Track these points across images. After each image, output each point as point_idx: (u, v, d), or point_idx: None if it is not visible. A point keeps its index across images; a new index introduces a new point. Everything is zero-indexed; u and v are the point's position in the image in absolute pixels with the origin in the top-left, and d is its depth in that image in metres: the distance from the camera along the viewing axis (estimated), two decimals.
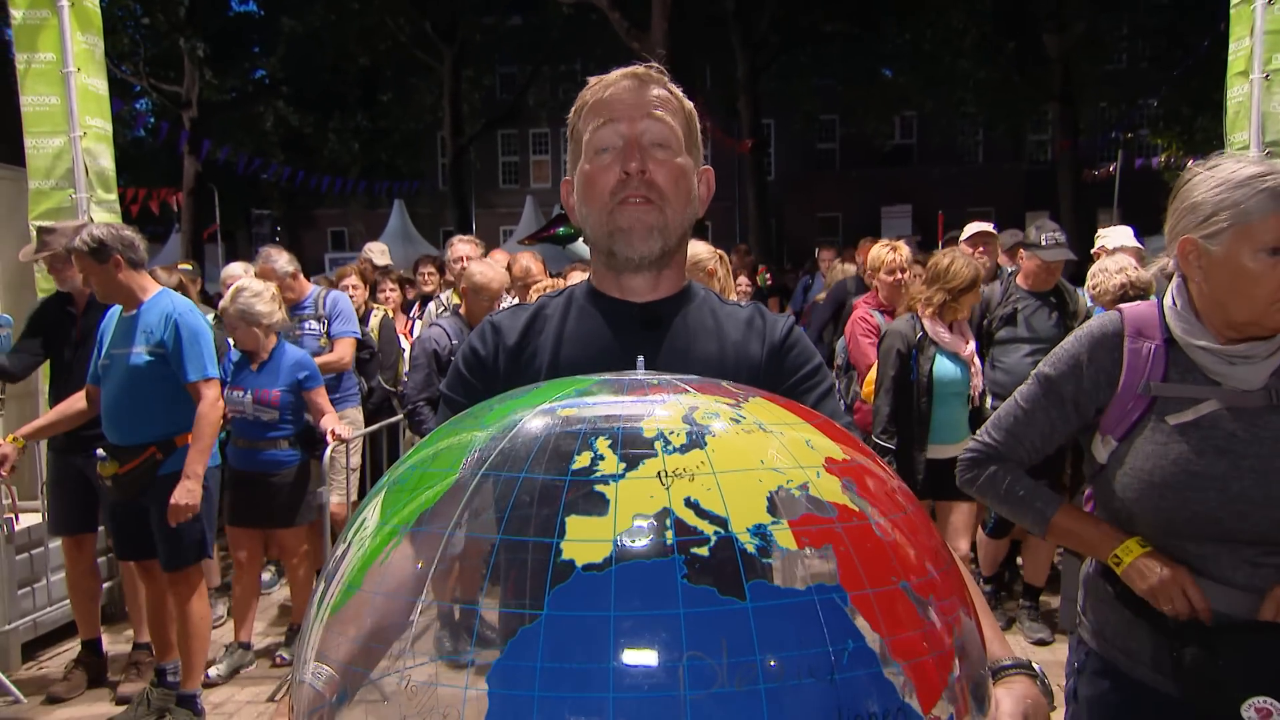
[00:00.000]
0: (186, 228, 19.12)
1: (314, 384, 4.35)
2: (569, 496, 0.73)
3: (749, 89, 19.17)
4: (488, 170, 30.25)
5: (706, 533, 0.71)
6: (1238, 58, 5.14)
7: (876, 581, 0.74)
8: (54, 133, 5.28)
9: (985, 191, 24.53)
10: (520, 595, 0.70)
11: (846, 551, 0.74)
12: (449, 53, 21.09)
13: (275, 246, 5.62)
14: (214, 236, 18.99)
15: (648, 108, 1.37)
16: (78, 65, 5.25)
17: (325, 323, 5.20)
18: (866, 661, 0.70)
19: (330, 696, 0.76)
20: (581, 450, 0.77)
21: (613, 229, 1.38)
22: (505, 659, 0.68)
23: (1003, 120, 22.22)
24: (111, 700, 4.20)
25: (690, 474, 0.75)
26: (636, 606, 0.68)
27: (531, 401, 0.89)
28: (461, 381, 1.45)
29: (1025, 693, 0.96)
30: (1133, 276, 4.21)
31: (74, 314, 4.42)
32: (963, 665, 0.77)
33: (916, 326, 4.11)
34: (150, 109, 25.10)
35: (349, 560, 0.82)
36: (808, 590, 0.71)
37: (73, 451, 4.24)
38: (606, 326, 1.42)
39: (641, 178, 1.35)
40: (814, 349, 1.51)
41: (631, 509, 0.72)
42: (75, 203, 5.25)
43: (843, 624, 0.70)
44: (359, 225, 25.17)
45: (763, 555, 0.71)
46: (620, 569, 0.69)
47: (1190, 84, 17.09)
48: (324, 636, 0.80)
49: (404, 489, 0.84)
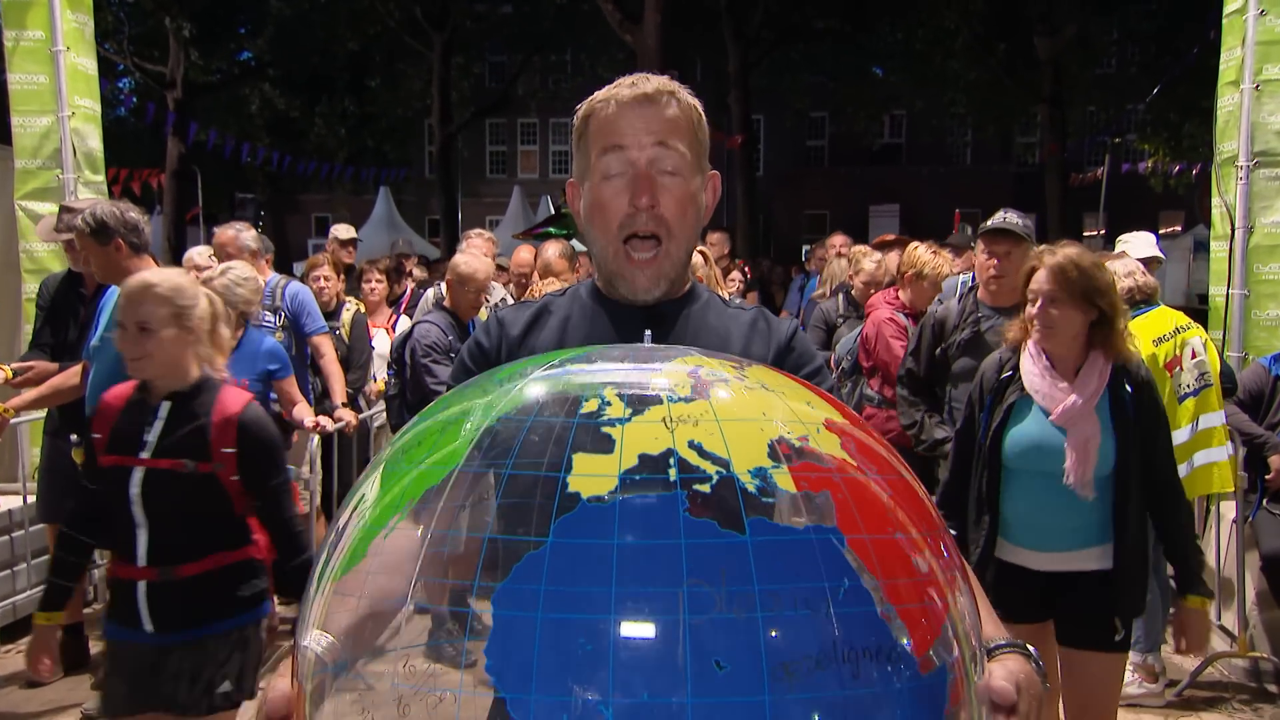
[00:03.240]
0: (168, 210, 18.92)
1: (285, 374, 4.25)
2: (576, 435, 0.75)
3: (740, 84, 19.14)
4: (475, 159, 30.07)
5: (709, 472, 0.73)
6: (1229, 67, 5.19)
7: (874, 529, 0.75)
8: (42, 112, 5.21)
9: (973, 192, 24.58)
10: (526, 525, 0.71)
11: (844, 499, 0.75)
12: (439, 39, 20.89)
13: (245, 223, 5.38)
14: (196, 219, 18.78)
15: (658, 135, 1.36)
16: (67, 44, 5.18)
17: (281, 314, 4.94)
18: (862, 600, 0.71)
19: (331, 663, 0.77)
20: (589, 398, 0.79)
21: (619, 269, 1.41)
22: (510, 582, 0.69)
23: (992, 121, 22.30)
24: (93, 684, 4.14)
25: (694, 420, 0.76)
26: (639, 536, 0.69)
27: (540, 362, 0.91)
28: (466, 374, 1.46)
29: (1019, 667, 0.97)
30: (1140, 281, 4.14)
31: (84, 294, 4.28)
32: (957, 624, 0.78)
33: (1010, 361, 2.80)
34: (133, 88, 24.78)
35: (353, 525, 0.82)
36: (805, 529, 0.72)
37: (67, 436, 4.17)
38: (610, 327, 1.44)
39: (650, 212, 1.36)
40: (815, 351, 1.53)
41: (637, 449, 0.74)
42: (62, 183, 5.18)
43: (839, 562, 0.71)
44: (344, 211, 24.86)
45: (763, 495, 0.72)
46: (624, 501, 0.71)
47: (1179, 90, 17.17)
48: (326, 604, 0.80)
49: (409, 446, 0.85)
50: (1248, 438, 4.22)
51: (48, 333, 4.29)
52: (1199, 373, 3.95)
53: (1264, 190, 5.01)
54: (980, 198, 24.07)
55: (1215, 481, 4.03)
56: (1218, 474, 4.00)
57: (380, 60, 24.32)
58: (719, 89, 19.70)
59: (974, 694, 0.78)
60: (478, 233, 5.84)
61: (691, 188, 1.40)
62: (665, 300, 1.45)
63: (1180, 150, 19.30)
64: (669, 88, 1.40)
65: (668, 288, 1.43)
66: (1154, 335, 3.93)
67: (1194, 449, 3.95)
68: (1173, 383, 3.92)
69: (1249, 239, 5.02)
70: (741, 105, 19.27)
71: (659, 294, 1.42)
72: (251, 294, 4.19)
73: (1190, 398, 3.94)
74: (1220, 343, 5.00)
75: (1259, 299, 5.04)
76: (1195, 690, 4.19)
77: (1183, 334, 3.98)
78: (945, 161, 28.28)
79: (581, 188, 1.44)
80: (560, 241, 5.57)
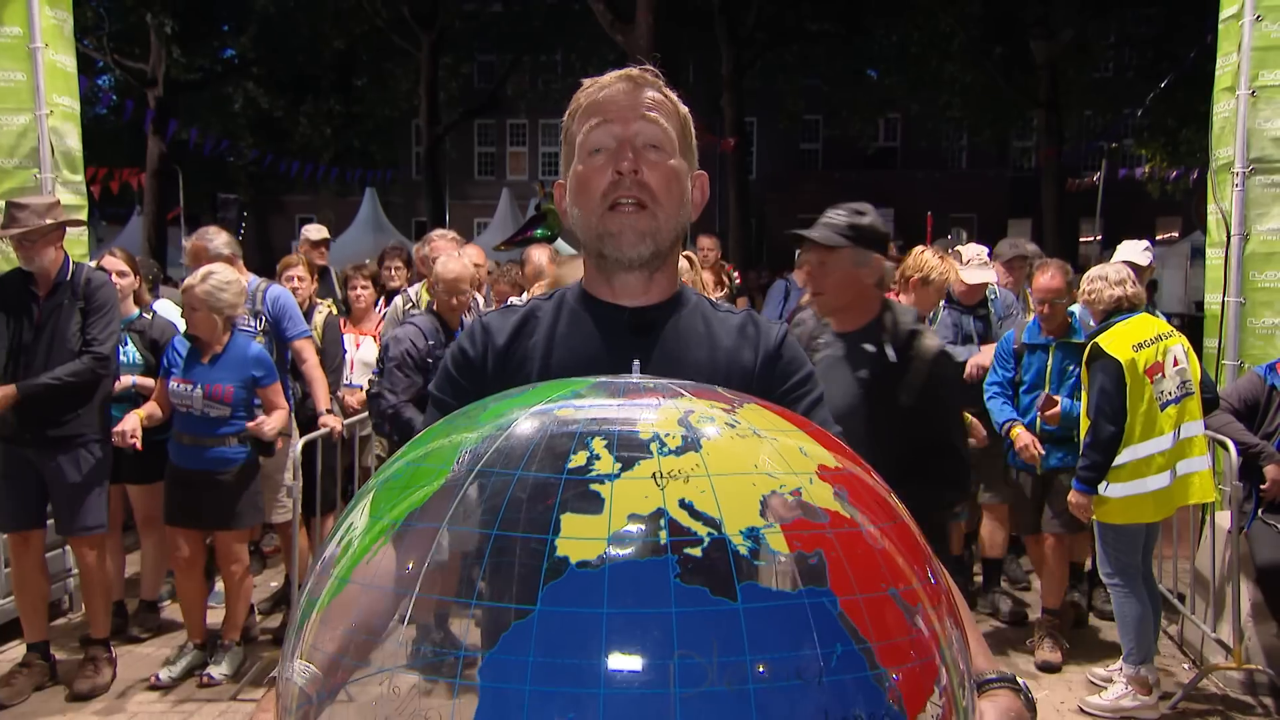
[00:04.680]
0: (149, 210, 18.54)
1: (270, 380, 4.24)
2: (564, 495, 0.74)
3: (733, 86, 19.05)
4: (463, 161, 29.88)
5: (700, 534, 0.72)
6: (1225, 73, 5.14)
7: (866, 587, 0.74)
8: (19, 110, 5.14)
9: (968, 197, 24.45)
10: (513, 591, 0.71)
11: (837, 557, 0.74)
12: (427, 38, 20.60)
13: (215, 227, 5.27)
14: (177, 220, 18.50)
15: (642, 109, 1.37)
16: (45, 41, 5.12)
17: (262, 319, 4.84)
18: (855, 666, 0.70)
19: (314, 695, 0.77)
20: (577, 450, 0.78)
21: (603, 232, 1.38)
22: (497, 653, 0.68)
23: (988, 126, 22.26)
24: (66, 697, 4.09)
25: (685, 476, 0.75)
26: (629, 604, 0.68)
27: (526, 402, 0.89)
28: (450, 382, 1.45)
29: (1009, 705, 0.96)
30: (1130, 291, 4.15)
31: (36, 294, 4.18)
32: (949, 675, 0.77)
33: None
34: (113, 86, 24.42)
35: (337, 558, 0.82)
36: (798, 593, 0.71)
37: (22, 442, 4.10)
38: (597, 332, 1.42)
39: (634, 178, 1.35)
40: (806, 357, 1.51)
41: (626, 508, 0.73)
42: (40, 183, 5.11)
43: (832, 628, 0.71)
44: (329, 213, 24.55)
45: (755, 557, 0.72)
46: (614, 567, 0.70)
47: (1176, 96, 17.07)
48: (310, 634, 0.80)
49: (395, 486, 0.84)
50: (1243, 447, 4.21)
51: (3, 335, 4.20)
52: (1180, 380, 4.01)
53: (1260, 197, 4.96)
54: (976, 203, 23.95)
55: (1196, 492, 4.08)
56: (1199, 484, 4.07)
57: (367, 59, 24.09)
58: (712, 91, 19.56)
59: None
60: (440, 234, 5.57)
61: (675, 165, 1.39)
62: (652, 304, 1.43)
63: (1178, 156, 19.28)
64: (653, 76, 1.41)
65: (654, 251, 1.39)
66: (1134, 340, 4.01)
67: (1177, 457, 4.01)
68: (1154, 389, 3.98)
69: (1245, 246, 4.98)
70: (734, 108, 19.16)
71: (646, 254, 1.38)
72: (235, 297, 4.16)
73: (1172, 405, 3.99)
74: (1216, 351, 5.03)
75: (1254, 307, 4.99)
76: (1190, 703, 4.18)
77: (1164, 341, 4.04)
78: (940, 166, 28.17)
79: (567, 180, 1.44)
80: (545, 246, 5.52)
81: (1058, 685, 4.36)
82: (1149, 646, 4.10)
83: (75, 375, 4.02)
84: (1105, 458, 3.98)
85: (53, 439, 4.06)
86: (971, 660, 0.86)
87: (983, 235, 6.25)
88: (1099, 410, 3.99)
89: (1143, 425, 3.96)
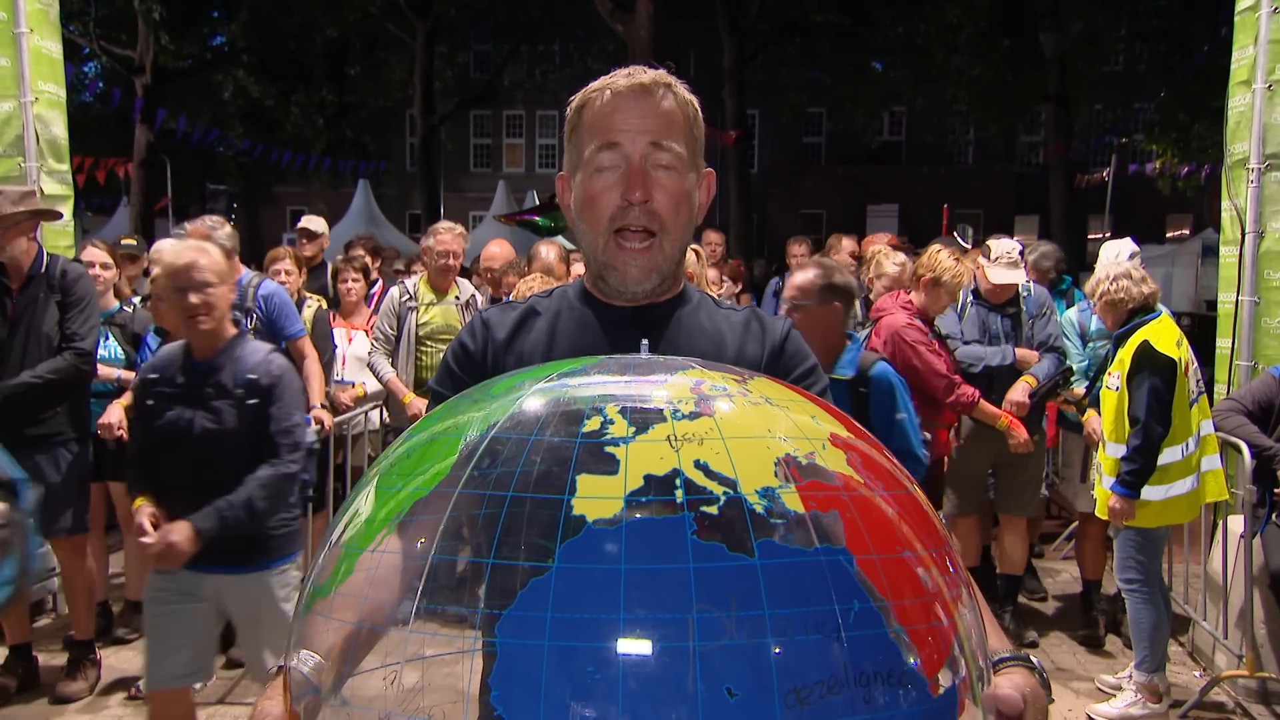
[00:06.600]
0: (136, 201, 18.22)
1: None
2: (579, 456, 0.74)
3: (735, 78, 18.80)
4: (459, 152, 29.61)
5: (715, 493, 0.72)
6: (1240, 66, 5.06)
7: (882, 548, 0.74)
8: (3, 97, 5.08)
9: (975, 193, 24.14)
10: (530, 549, 0.70)
11: (852, 518, 0.74)
12: (422, 27, 20.32)
13: (219, 217, 5.11)
14: (165, 210, 18.12)
15: (652, 133, 1.35)
16: (31, 26, 5.04)
17: (254, 316, 4.70)
18: (872, 622, 0.70)
19: (318, 683, 0.76)
20: (591, 415, 0.78)
21: (607, 263, 1.39)
22: (515, 609, 0.68)
23: (995, 120, 21.99)
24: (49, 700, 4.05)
25: (699, 439, 0.75)
26: (647, 560, 0.68)
27: (535, 376, 0.89)
28: (450, 376, 1.46)
29: (1024, 681, 0.94)
30: (1148, 291, 4.13)
31: (9, 287, 4.05)
32: (963, 639, 0.77)
33: None
34: (100, 73, 24.02)
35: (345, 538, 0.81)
36: (815, 550, 0.71)
37: None
38: (600, 327, 1.43)
39: (644, 207, 1.35)
40: (809, 351, 1.52)
41: (642, 469, 0.73)
42: (24, 171, 5.05)
43: (849, 585, 0.70)
44: (321, 204, 24.17)
45: (771, 516, 0.72)
46: (630, 524, 0.70)
47: (1188, 89, 16.74)
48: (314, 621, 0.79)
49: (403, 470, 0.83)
50: (1257, 450, 4.17)
51: None
52: (1197, 379, 4.07)
53: (1275, 194, 4.89)
54: (983, 199, 23.61)
55: (1212, 490, 4.10)
56: (1214, 483, 4.08)
57: (360, 47, 23.86)
58: (713, 83, 19.23)
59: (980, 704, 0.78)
60: (446, 226, 5.41)
61: (686, 185, 1.39)
62: (656, 302, 1.44)
63: (1189, 151, 19.04)
64: (665, 80, 1.38)
65: (659, 282, 1.41)
66: (1175, 338, 4.01)
67: (1202, 454, 4.02)
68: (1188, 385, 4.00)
69: (1259, 244, 4.92)
70: (736, 100, 18.89)
71: (650, 287, 1.41)
72: None
73: (1194, 404, 4.02)
74: (1229, 351, 5.00)
75: (1269, 306, 4.93)
76: (1201, 711, 4.16)
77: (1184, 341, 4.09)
78: (946, 161, 27.86)
79: (572, 181, 1.43)
80: (555, 244, 5.40)
81: (1065, 693, 4.31)
82: (1162, 654, 4.09)
83: (57, 373, 3.92)
84: (1153, 461, 3.92)
85: (30, 438, 3.93)
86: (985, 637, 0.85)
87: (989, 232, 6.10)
88: (1150, 411, 3.88)
89: (1181, 425, 3.94)
